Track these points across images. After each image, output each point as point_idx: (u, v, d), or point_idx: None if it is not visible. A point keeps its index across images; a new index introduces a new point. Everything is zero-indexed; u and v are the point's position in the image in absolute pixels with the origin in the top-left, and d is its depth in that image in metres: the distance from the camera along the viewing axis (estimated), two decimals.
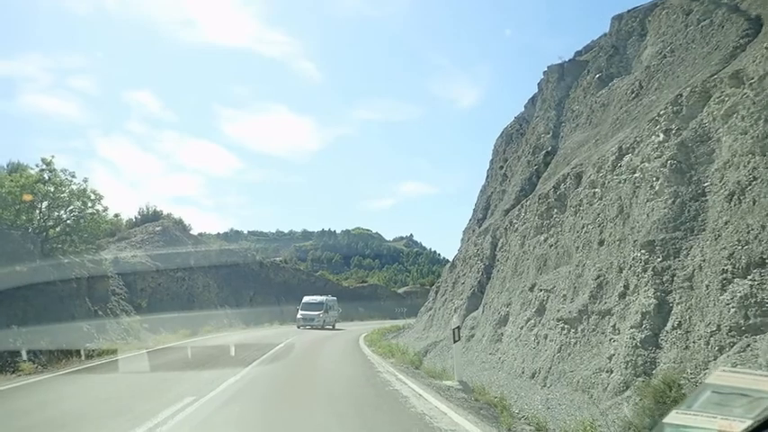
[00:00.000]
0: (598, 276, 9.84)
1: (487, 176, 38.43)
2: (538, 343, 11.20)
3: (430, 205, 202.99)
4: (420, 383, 9.89)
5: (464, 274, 21.39)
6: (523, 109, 32.04)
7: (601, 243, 10.52)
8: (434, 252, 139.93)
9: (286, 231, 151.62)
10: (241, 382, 11.00)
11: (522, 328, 12.35)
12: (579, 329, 9.69)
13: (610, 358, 8.26)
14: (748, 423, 1.78)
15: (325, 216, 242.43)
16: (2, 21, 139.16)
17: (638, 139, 10.41)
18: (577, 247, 11.54)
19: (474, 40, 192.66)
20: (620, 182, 10.52)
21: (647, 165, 9.61)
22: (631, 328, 7.92)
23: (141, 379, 11.83)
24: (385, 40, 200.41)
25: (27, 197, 17.01)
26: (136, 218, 35.24)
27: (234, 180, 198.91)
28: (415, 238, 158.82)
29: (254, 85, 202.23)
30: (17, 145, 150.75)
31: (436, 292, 32.51)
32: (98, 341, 17.99)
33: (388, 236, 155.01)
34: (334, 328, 38.41)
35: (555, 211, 13.89)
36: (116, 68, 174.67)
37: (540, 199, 14.79)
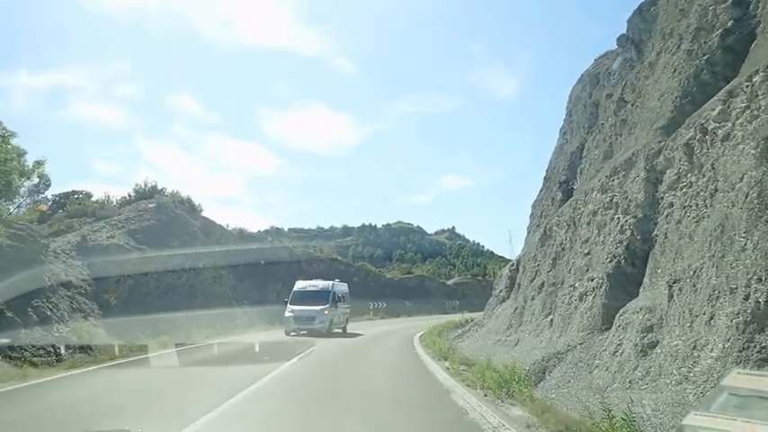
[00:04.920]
0: None
1: (564, 133, 31.69)
2: None
3: (471, 197, 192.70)
4: None
5: (584, 241, 13.39)
6: (626, 25, 23.88)
7: None
8: (478, 244, 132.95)
9: (326, 227, 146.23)
10: None
11: None
12: None
13: None
14: None
15: (365, 211, 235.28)
16: (50, 33, 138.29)
17: None
18: None
19: (511, 28, 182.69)
20: None
21: None
22: None
23: None
24: (421, 32, 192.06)
25: None
26: (129, 195, 28.40)
27: (274, 178, 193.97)
28: (457, 231, 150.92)
29: (292, 83, 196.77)
30: (67, 152, 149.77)
31: (511, 279, 24.70)
32: None
33: (430, 229, 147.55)
34: (345, 332, 25.59)
35: None
36: (158, 74, 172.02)
37: None
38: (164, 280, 22.73)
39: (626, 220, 11.28)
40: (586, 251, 12.80)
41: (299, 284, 26.68)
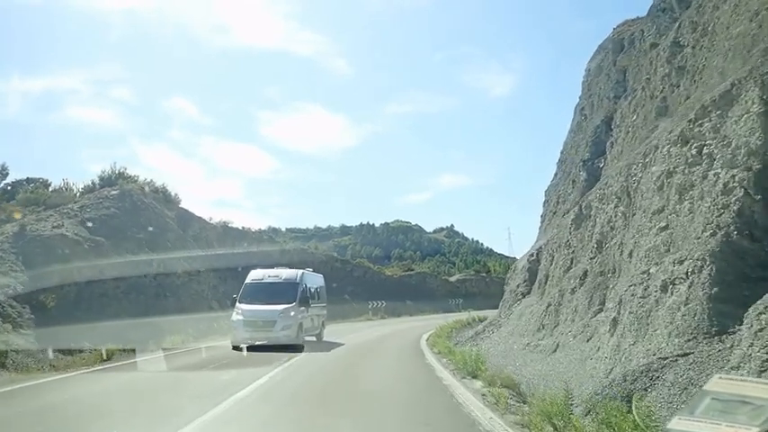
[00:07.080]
0: None
1: (582, 109, 29.99)
2: None
3: (468, 196, 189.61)
4: None
5: (657, 212, 9.95)
6: None
7: None
8: (477, 241, 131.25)
9: (324, 227, 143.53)
10: None
11: None
12: None
13: None
14: (754, 431, 1.72)
15: (363, 211, 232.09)
16: (44, 38, 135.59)
17: None
18: None
19: (504, 28, 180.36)
20: None
21: None
22: None
23: None
24: (415, 32, 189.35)
25: None
26: (93, 183, 24.89)
27: (271, 180, 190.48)
28: (456, 229, 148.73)
29: (288, 85, 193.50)
30: (64, 156, 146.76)
31: (531, 271, 21.51)
32: None
33: (429, 227, 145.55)
34: (320, 340, 19.39)
35: None
36: (154, 77, 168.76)
37: None
38: (125, 278, 19.27)
39: (732, 176, 7.89)
40: (662, 224, 9.39)
41: (255, 274, 18.88)
